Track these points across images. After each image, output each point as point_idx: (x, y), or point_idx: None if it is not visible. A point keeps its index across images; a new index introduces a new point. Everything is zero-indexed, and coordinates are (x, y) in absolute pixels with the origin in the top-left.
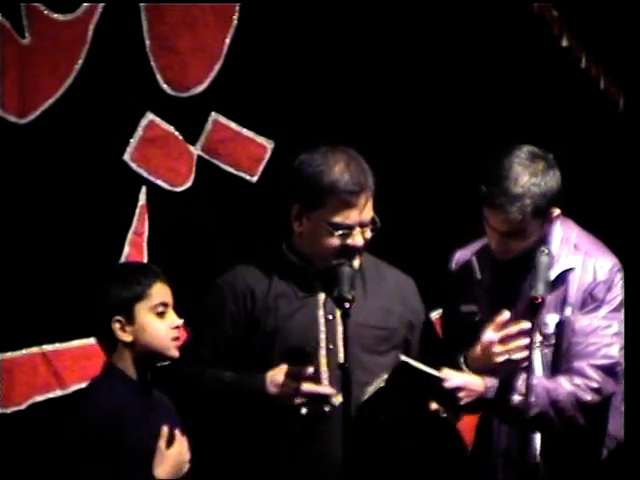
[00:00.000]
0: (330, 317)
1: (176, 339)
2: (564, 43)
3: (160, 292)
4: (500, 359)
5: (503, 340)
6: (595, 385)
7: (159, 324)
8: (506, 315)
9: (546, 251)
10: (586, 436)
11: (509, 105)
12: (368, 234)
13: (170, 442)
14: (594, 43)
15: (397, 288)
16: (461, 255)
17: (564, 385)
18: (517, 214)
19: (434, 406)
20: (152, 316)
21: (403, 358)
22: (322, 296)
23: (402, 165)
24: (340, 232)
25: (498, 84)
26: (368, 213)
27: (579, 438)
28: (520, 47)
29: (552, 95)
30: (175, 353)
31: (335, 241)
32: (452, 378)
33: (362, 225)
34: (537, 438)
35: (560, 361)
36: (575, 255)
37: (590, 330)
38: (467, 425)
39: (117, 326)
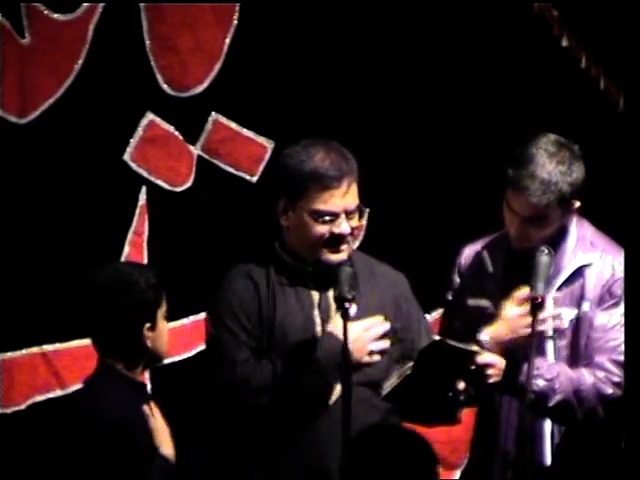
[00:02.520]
0: (325, 316)
1: None
2: (564, 43)
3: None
4: (528, 331)
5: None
6: (617, 379)
7: (166, 330)
8: (525, 290)
9: (546, 251)
10: (604, 436)
11: (509, 105)
12: (355, 222)
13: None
14: (594, 43)
15: (389, 285)
16: (470, 250)
17: (586, 377)
18: (542, 198)
19: (461, 385)
20: (164, 322)
21: (437, 338)
22: (316, 296)
23: (401, 165)
24: (325, 219)
25: (498, 84)
26: (352, 200)
27: (596, 438)
28: (520, 47)
29: (552, 95)
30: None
31: (321, 229)
32: (485, 354)
33: (347, 212)
34: (547, 439)
35: (577, 356)
36: (592, 252)
37: (610, 326)
38: (467, 425)
39: (147, 333)
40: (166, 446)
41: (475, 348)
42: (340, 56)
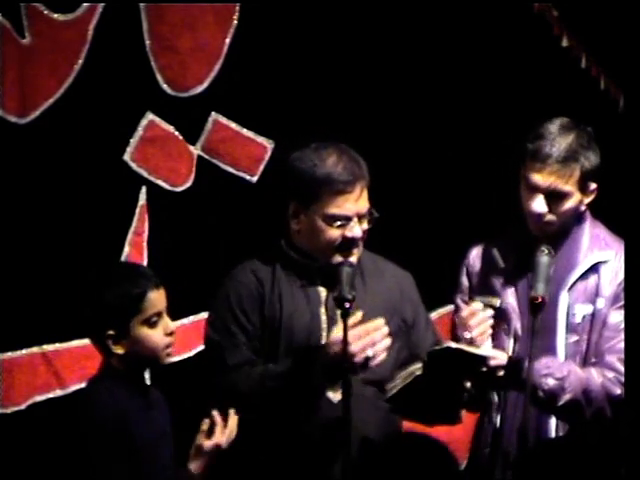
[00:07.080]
0: (331, 314)
1: (169, 346)
2: (564, 43)
3: (153, 302)
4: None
5: None
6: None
7: (153, 335)
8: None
9: (546, 251)
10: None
11: (509, 105)
12: (365, 225)
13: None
14: (594, 43)
15: (396, 283)
16: (479, 250)
17: (595, 376)
18: (564, 166)
19: (468, 384)
20: (145, 328)
21: (451, 345)
22: (323, 293)
23: (402, 164)
24: (338, 223)
25: (498, 84)
26: (364, 203)
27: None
28: (520, 47)
29: (552, 95)
30: (167, 360)
31: (334, 233)
32: (497, 356)
33: (359, 216)
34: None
35: (588, 352)
36: (608, 250)
37: (622, 327)
38: (467, 425)
39: (110, 341)
40: (195, 464)
41: (487, 353)
42: (340, 56)
